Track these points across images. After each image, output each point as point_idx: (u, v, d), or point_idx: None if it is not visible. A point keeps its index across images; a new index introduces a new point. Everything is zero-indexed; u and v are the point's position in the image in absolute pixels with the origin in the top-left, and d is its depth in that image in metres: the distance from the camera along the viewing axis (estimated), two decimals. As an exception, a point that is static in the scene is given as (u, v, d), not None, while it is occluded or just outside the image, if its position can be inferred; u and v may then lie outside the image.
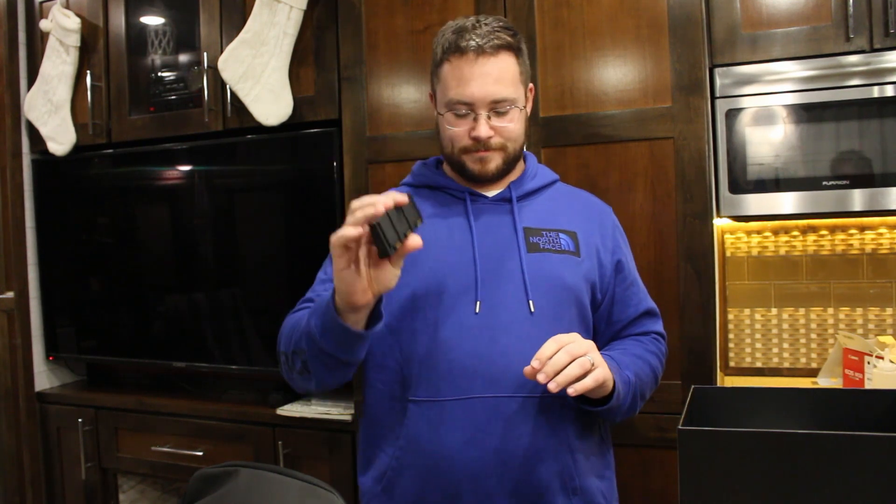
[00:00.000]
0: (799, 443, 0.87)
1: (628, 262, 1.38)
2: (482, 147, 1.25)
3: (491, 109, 1.23)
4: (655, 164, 1.79)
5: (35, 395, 2.55)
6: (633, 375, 1.24)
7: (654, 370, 1.33)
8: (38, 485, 2.53)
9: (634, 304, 1.36)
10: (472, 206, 1.30)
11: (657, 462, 1.80)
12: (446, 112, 1.26)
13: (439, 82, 1.27)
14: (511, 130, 1.26)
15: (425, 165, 1.39)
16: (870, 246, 2.04)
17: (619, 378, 1.19)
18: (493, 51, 1.21)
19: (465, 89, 1.22)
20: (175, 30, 2.42)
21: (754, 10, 1.81)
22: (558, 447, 1.22)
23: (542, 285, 1.25)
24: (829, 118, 1.77)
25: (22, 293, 2.54)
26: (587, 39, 1.84)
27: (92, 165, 2.54)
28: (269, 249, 2.31)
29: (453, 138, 1.26)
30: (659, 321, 1.41)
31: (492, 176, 1.28)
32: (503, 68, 1.23)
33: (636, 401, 1.26)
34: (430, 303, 1.23)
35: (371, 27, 2.03)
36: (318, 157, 2.16)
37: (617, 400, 1.18)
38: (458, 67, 1.22)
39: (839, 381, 1.87)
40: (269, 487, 0.82)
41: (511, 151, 1.28)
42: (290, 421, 2.13)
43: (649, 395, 1.33)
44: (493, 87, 1.22)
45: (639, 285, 1.39)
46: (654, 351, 1.35)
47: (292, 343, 1.19)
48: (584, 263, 1.29)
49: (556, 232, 1.29)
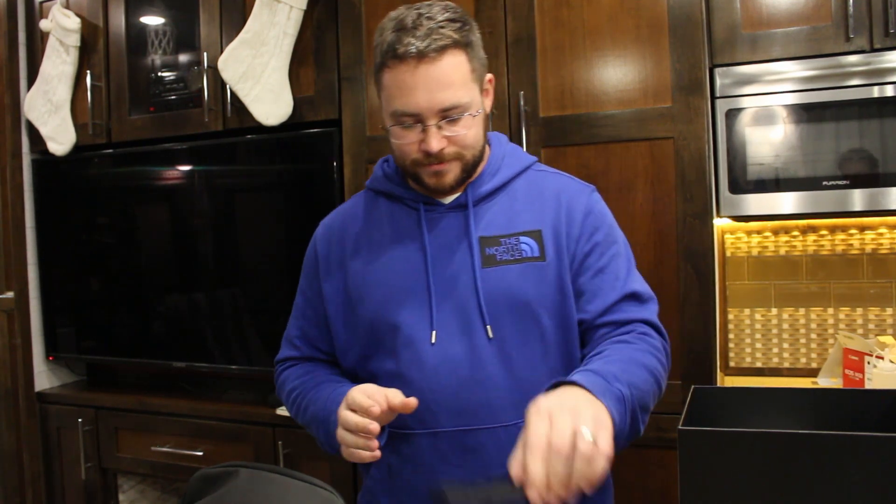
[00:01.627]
0: (799, 443, 0.87)
1: (599, 246, 1.19)
2: (435, 160, 1.12)
3: (441, 118, 1.09)
4: (655, 164, 1.79)
5: (35, 395, 2.55)
6: (626, 387, 1.00)
7: (654, 372, 1.10)
8: (38, 485, 2.53)
9: (606, 291, 1.17)
10: (426, 218, 1.19)
11: (657, 462, 1.80)
12: (392, 124, 1.13)
13: (382, 90, 1.13)
14: (465, 138, 1.12)
15: (385, 165, 1.28)
16: (870, 246, 2.04)
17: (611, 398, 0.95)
18: (437, 53, 1.06)
19: (408, 99, 1.08)
20: (175, 30, 2.42)
21: (754, 10, 1.81)
22: None
23: (501, 304, 1.14)
24: (829, 118, 1.77)
25: (22, 293, 2.54)
26: (587, 39, 1.84)
27: (92, 165, 2.54)
28: (269, 249, 2.31)
29: (405, 153, 1.14)
30: (646, 307, 1.19)
31: (450, 187, 1.17)
32: (449, 71, 1.08)
33: (636, 417, 1.02)
34: (387, 333, 1.17)
35: (371, 27, 2.03)
36: (318, 157, 2.16)
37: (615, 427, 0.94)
38: (399, 74, 1.08)
39: (839, 381, 1.87)
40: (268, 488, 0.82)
41: (470, 158, 1.15)
42: (290, 421, 2.11)
43: (654, 403, 1.10)
44: (439, 94, 1.08)
45: (615, 272, 1.19)
46: (648, 349, 1.12)
47: (299, 419, 1.27)
48: (551, 266, 1.16)
49: (516, 237, 1.17)
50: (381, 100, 1.16)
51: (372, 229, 1.24)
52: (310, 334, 1.30)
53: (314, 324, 1.29)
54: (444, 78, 1.08)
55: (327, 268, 1.26)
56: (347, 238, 1.25)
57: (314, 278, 1.28)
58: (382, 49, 1.10)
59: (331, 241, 1.27)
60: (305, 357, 1.32)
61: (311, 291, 1.29)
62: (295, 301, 1.34)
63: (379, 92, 1.16)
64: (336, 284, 1.24)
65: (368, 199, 1.29)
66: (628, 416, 0.98)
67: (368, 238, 1.23)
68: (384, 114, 1.15)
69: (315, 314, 1.29)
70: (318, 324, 1.29)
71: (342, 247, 1.25)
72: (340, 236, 1.27)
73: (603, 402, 0.91)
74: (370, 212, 1.27)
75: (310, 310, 1.30)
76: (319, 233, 1.31)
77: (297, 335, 1.32)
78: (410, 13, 1.09)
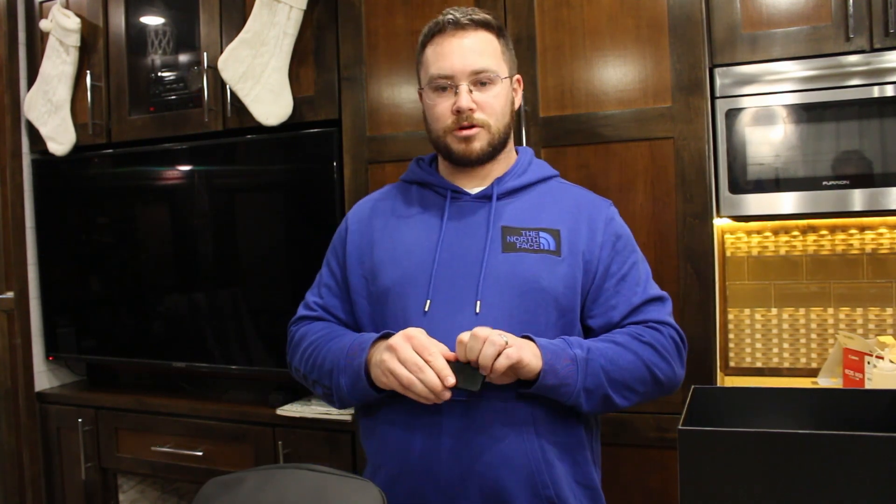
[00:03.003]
0: (799, 443, 0.87)
1: (620, 255, 1.29)
2: (465, 121, 1.23)
3: (472, 81, 1.23)
4: (655, 164, 1.79)
5: (35, 395, 2.55)
6: (590, 353, 1.16)
7: (644, 361, 1.20)
8: (38, 485, 2.53)
9: (627, 297, 1.26)
10: (451, 204, 1.29)
11: (657, 462, 1.80)
12: (428, 90, 1.26)
13: (422, 67, 1.28)
14: (493, 105, 1.24)
15: (420, 162, 1.40)
16: (870, 246, 2.04)
17: (560, 356, 1.13)
18: (472, 26, 1.23)
19: (444, 62, 1.22)
20: (175, 30, 2.42)
21: (754, 10, 1.81)
22: (529, 455, 1.18)
23: (515, 286, 1.21)
24: (829, 118, 1.77)
25: (22, 293, 2.54)
26: (587, 39, 1.84)
27: (92, 165, 2.54)
28: (269, 249, 2.31)
29: (437, 117, 1.26)
30: (664, 309, 1.29)
31: (476, 158, 1.26)
32: (483, 42, 1.24)
33: (601, 384, 1.16)
34: (395, 300, 1.26)
35: (371, 27, 2.03)
36: (318, 157, 2.16)
37: (554, 378, 1.12)
38: (438, 45, 1.24)
39: (839, 381, 1.87)
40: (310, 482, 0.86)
41: (496, 132, 1.26)
42: (290, 421, 2.13)
43: (644, 388, 1.22)
44: (472, 57, 1.22)
45: (636, 278, 1.29)
46: (650, 342, 1.22)
47: (314, 372, 1.28)
48: (565, 262, 1.24)
49: (536, 231, 1.26)
50: (420, 80, 1.30)
51: (400, 210, 1.34)
52: (329, 303, 1.37)
53: (334, 293, 1.36)
54: (477, 46, 1.23)
55: (355, 240, 1.35)
56: (377, 217, 1.35)
57: (342, 250, 1.37)
58: (425, 33, 1.27)
59: (361, 219, 1.37)
60: (320, 319, 1.37)
61: (336, 263, 1.38)
62: (318, 273, 1.42)
63: (419, 75, 1.30)
64: (361, 257, 1.33)
65: (402, 188, 1.39)
66: (579, 372, 1.14)
67: (396, 218, 1.33)
68: (423, 90, 1.29)
69: (336, 284, 1.37)
70: (338, 294, 1.36)
71: (371, 224, 1.35)
72: (371, 214, 1.37)
73: (542, 353, 1.12)
74: (402, 196, 1.37)
75: (332, 280, 1.37)
76: (352, 210, 1.42)
77: (316, 301, 1.39)
78: (450, 9, 1.26)
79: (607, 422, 1.77)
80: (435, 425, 1.18)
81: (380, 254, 1.30)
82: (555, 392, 1.15)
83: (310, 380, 1.30)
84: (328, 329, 1.33)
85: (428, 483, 1.18)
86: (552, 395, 1.16)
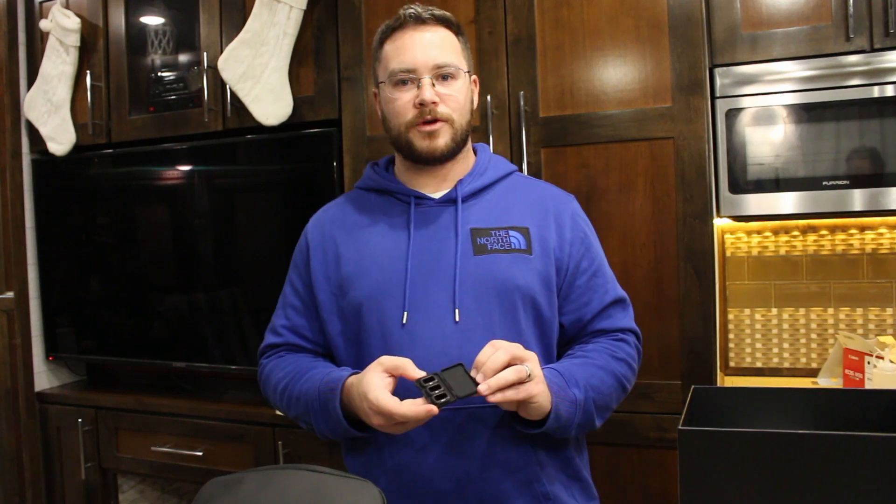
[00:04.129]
0: (799, 443, 0.87)
1: (589, 251, 1.29)
2: (428, 114, 1.19)
3: (434, 75, 1.20)
4: (655, 164, 1.79)
5: (35, 395, 2.55)
6: (586, 392, 1.16)
7: (621, 379, 1.23)
8: (38, 485, 2.53)
9: (599, 296, 1.27)
10: (416, 210, 1.26)
11: (657, 462, 1.80)
12: (388, 86, 1.22)
13: (380, 63, 1.25)
14: (458, 98, 1.22)
15: (375, 167, 1.35)
16: (870, 246, 2.04)
17: (564, 399, 1.12)
18: (433, 20, 1.22)
19: (405, 56, 1.20)
20: (175, 30, 2.42)
21: (754, 9, 1.81)
22: (523, 456, 1.18)
23: (490, 289, 1.19)
24: (829, 118, 1.77)
25: (22, 293, 2.54)
26: (587, 39, 1.84)
27: (92, 165, 2.54)
28: (269, 249, 2.31)
29: (398, 112, 1.22)
30: (628, 312, 1.31)
31: (441, 154, 1.23)
32: (443, 38, 1.22)
33: (591, 416, 1.18)
34: (370, 314, 1.22)
35: (371, 27, 2.03)
36: (318, 157, 2.16)
37: (556, 422, 1.12)
38: (399, 39, 1.21)
39: (839, 381, 1.87)
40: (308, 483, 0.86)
41: (458, 127, 1.23)
42: (291, 421, 2.12)
43: (617, 404, 1.25)
44: (434, 51, 1.20)
45: (605, 275, 1.30)
46: (623, 357, 1.25)
47: (291, 411, 1.27)
48: (537, 260, 1.23)
49: (505, 230, 1.23)
50: (377, 75, 1.26)
51: (363, 221, 1.30)
52: (296, 323, 1.33)
53: (301, 313, 1.32)
54: (437, 40, 1.21)
55: (319, 256, 1.30)
56: (338, 229, 1.31)
57: (304, 267, 1.32)
58: (382, 30, 1.24)
59: (323, 231, 1.32)
60: (290, 344, 1.34)
61: (301, 281, 1.33)
62: (282, 293, 1.37)
63: (377, 73, 1.27)
64: (327, 272, 1.29)
65: (359, 196, 1.35)
66: (578, 413, 1.14)
67: (359, 229, 1.29)
68: (382, 85, 1.24)
69: (303, 303, 1.32)
70: (305, 313, 1.32)
71: (333, 237, 1.30)
72: (332, 227, 1.32)
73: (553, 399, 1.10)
74: (361, 205, 1.32)
75: (297, 299, 1.33)
76: (311, 225, 1.37)
77: (283, 324, 1.34)
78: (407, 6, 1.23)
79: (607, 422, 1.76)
80: (427, 436, 1.17)
81: (347, 268, 1.26)
82: (557, 433, 1.16)
83: (290, 416, 1.29)
84: (294, 365, 1.29)
85: (426, 493, 1.18)
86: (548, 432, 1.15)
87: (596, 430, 1.22)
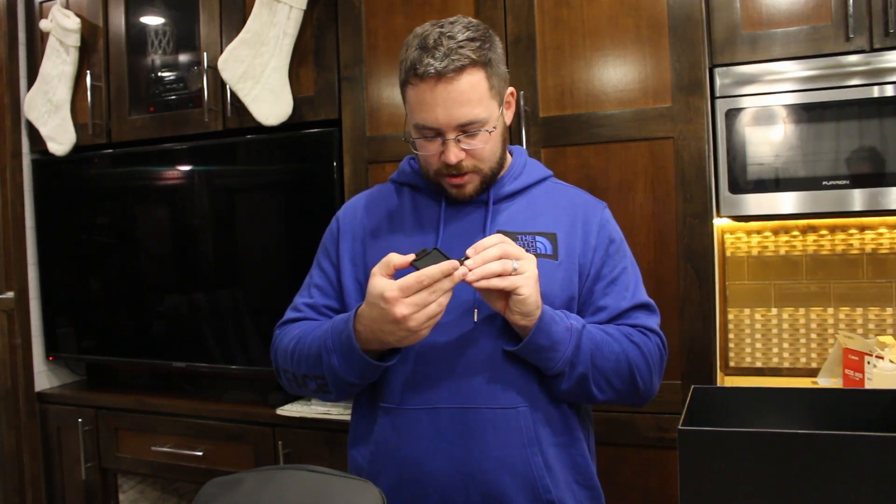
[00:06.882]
0: (799, 443, 0.87)
1: (612, 258, 1.28)
2: (455, 171, 1.20)
3: (459, 133, 1.17)
4: (655, 164, 1.79)
5: (35, 395, 2.55)
6: (586, 336, 1.15)
7: (629, 358, 1.20)
8: (38, 485, 2.53)
9: (618, 300, 1.26)
10: (446, 210, 1.27)
11: (657, 462, 1.80)
12: (415, 136, 1.21)
13: (406, 102, 1.22)
14: (482, 152, 1.20)
15: (412, 162, 1.35)
16: (870, 246, 2.04)
17: (556, 321, 1.12)
18: (456, 73, 1.12)
19: (428, 115, 1.16)
20: (175, 30, 2.42)
21: (754, 9, 1.81)
22: (529, 460, 1.18)
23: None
24: (829, 118, 1.77)
25: (22, 293, 2.54)
26: (587, 39, 1.84)
27: (92, 165, 2.54)
28: (269, 249, 2.31)
29: (426, 160, 1.23)
30: (653, 317, 1.29)
31: (470, 198, 1.25)
32: (468, 89, 1.14)
33: (586, 366, 1.16)
34: None
35: (371, 27, 2.03)
36: (318, 157, 2.16)
37: (545, 338, 1.12)
38: (420, 92, 1.15)
39: (839, 381, 1.87)
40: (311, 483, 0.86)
41: (487, 171, 1.23)
42: (290, 421, 2.13)
43: (621, 385, 1.20)
44: (457, 111, 1.14)
45: (627, 281, 1.28)
46: (637, 342, 1.22)
47: (302, 366, 1.24)
48: (562, 266, 1.23)
49: (532, 235, 1.24)
50: (405, 111, 1.23)
51: (394, 214, 1.31)
52: (318, 302, 1.33)
53: (326, 294, 1.33)
54: (461, 96, 1.14)
55: (348, 241, 1.32)
56: (370, 218, 1.32)
57: (334, 249, 1.33)
58: (406, 66, 1.17)
59: (354, 218, 1.34)
60: (308, 319, 1.33)
61: (329, 263, 1.34)
62: (308, 274, 1.38)
63: (404, 104, 1.23)
64: (355, 257, 1.30)
65: (393, 189, 1.36)
66: (571, 344, 1.14)
67: (389, 221, 1.30)
68: (408, 125, 1.23)
69: (329, 284, 1.33)
70: (331, 294, 1.33)
71: (364, 225, 1.32)
72: (364, 214, 1.34)
73: (545, 309, 1.12)
74: (394, 198, 1.34)
75: (324, 280, 1.34)
76: (343, 210, 1.38)
77: (305, 302, 1.35)
78: (433, 32, 1.15)
79: (607, 422, 1.77)
80: (433, 432, 1.18)
81: (373, 258, 1.24)
82: (542, 354, 1.14)
83: (299, 377, 1.26)
84: (309, 323, 1.29)
85: (430, 489, 1.18)
86: (538, 358, 1.15)
87: (592, 399, 1.20)
